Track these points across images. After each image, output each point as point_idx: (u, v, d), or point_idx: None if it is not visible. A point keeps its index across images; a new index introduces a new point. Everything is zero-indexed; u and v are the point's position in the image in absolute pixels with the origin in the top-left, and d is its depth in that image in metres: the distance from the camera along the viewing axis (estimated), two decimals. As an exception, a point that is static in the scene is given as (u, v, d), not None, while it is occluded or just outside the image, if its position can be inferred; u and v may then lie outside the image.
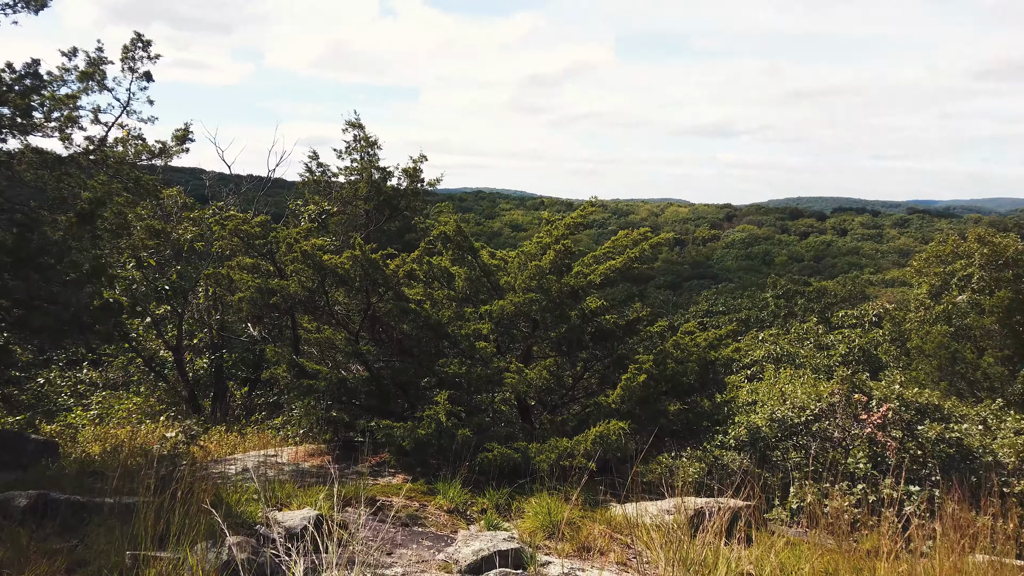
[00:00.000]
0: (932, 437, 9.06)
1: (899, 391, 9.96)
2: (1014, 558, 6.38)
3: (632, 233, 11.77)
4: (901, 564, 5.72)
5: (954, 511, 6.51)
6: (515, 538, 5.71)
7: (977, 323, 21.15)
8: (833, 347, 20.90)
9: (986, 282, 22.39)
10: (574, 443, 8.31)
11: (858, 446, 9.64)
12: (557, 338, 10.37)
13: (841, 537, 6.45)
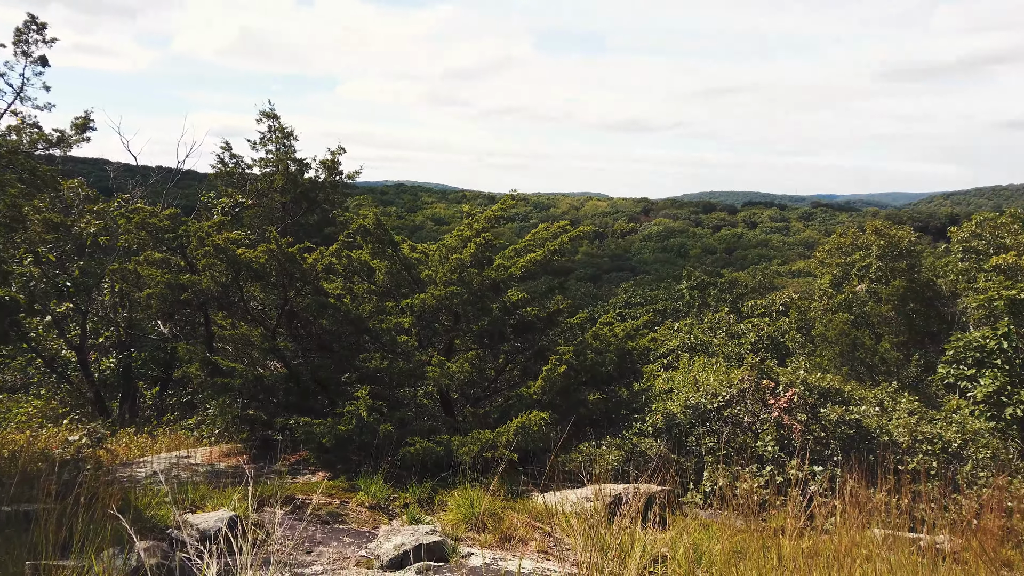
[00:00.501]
0: (834, 419, 9.57)
1: (803, 376, 10.47)
2: (907, 531, 6.82)
3: (552, 226, 11.92)
4: (805, 541, 6.02)
5: (853, 489, 6.91)
6: (437, 531, 5.72)
7: (875, 311, 22.42)
8: (744, 336, 21.75)
9: (883, 272, 23.77)
10: (496, 434, 8.38)
11: (767, 430, 10.08)
12: (479, 331, 10.41)
13: (750, 517, 6.75)
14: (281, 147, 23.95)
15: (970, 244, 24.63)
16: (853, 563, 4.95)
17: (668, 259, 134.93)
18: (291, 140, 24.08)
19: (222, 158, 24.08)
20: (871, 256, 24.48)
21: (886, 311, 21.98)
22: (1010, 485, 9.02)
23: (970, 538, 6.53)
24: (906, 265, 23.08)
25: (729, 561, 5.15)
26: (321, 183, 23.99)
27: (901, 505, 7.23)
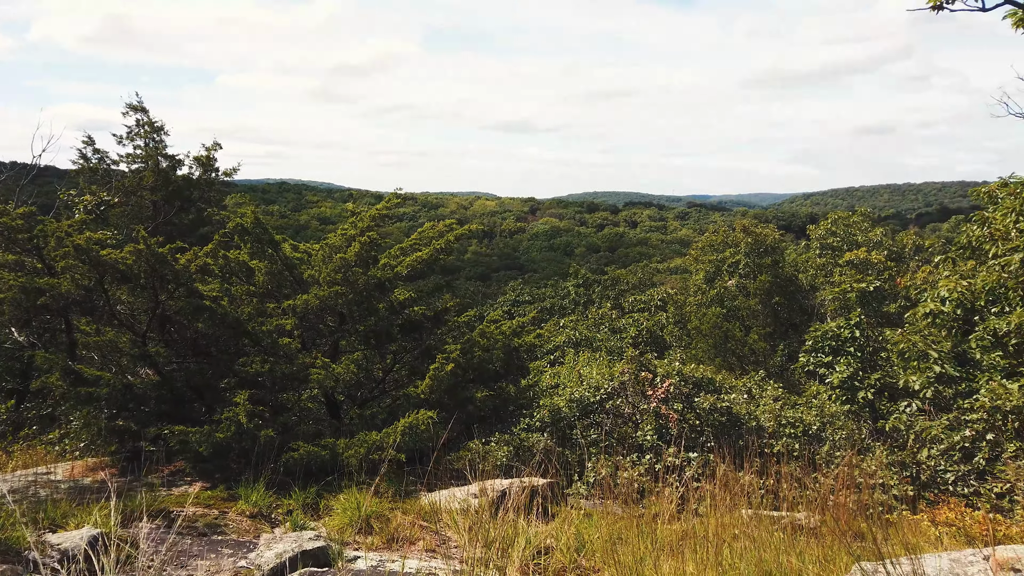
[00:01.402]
0: (706, 407, 10.11)
1: (679, 368, 11.00)
2: (772, 510, 7.31)
3: (438, 225, 11.93)
4: (680, 524, 6.34)
5: (724, 472, 7.35)
6: (322, 536, 5.63)
7: (744, 304, 23.82)
8: (625, 330, 22.55)
9: (750, 268, 25.29)
10: (383, 436, 8.31)
11: (646, 420, 10.53)
12: (365, 331, 10.28)
13: (630, 504, 7.04)
14: (151, 142, 22.63)
15: (826, 241, 26.73)
16: (721, 542, 5.27)
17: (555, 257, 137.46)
18: (162, 135, 22.81)
19: (84, 153, 22.48)
20: (740, 253, 26.05)
21: (754, 304, 23.43)
22: (862, 463, 9.85)
23: (827, 513, 7.07)
24: (771, 261, 24.71)
25: (609, 547, 5.36)
26: (196, 180, 22.85)
27: (767, 486, 7.75)
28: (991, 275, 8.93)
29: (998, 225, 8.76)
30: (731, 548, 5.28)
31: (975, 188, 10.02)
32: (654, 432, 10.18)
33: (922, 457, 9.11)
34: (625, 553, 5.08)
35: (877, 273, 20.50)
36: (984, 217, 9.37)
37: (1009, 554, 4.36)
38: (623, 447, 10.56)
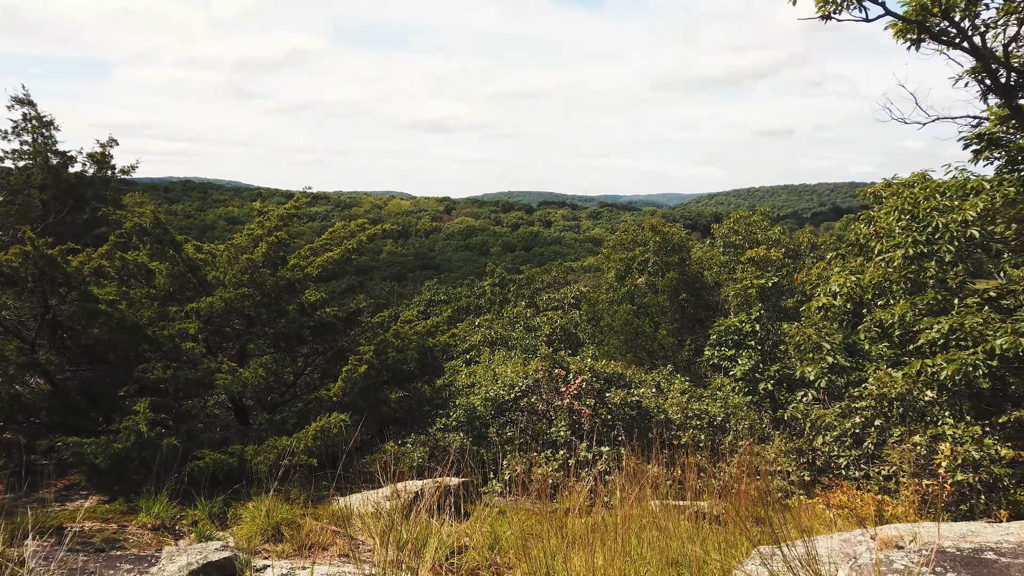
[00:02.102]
0: (617, 402, 10.37)
1: (591, 364, 11.23)
2: (679, 500, 7.56)
3: (350, 224, 11.75)
4: (592, 516, 6.47)
5: (634, 465, 7.55)
6: (229, 546, 5.47)
7: (653, 302, 24.53)
8: (540, 328, 22.81)
9: (659, 266, 26.08)
10: (294, 440, 8.13)
11: (560, 416, 10.69)
12: (275, 334, 10.02)
13: (543, 500, 7.14)
14: (39, 138, 21.29)
15: (729, 239, 27.90)
16: (629, 533, 5.42)
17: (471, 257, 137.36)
18: (51, 130, 21.49)
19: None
20: (649, 252, 26.85)
21: (663, 301, 24.18)
22: (763, 451, 10.32)
23: (730, 501, 7.36)
24: (678, 259, 25.57)
25: (522, 543, 5.43)
26: (90, 178, 21.64)
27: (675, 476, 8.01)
28: (877, 270, 9.54)
29: (882, 223, 9.37)
30: (639, 538, 5.44)
31: (862, 189, 10.68)
32: (567, 428, 10.35)
33: (817, 444, 9.63)
34: (538, 548, 5.15)
35: (776, 270, 21.55)
36: (870, 216, 10.01)
37: (892, 532, 4.69)
38: (538, 444, 10.69)
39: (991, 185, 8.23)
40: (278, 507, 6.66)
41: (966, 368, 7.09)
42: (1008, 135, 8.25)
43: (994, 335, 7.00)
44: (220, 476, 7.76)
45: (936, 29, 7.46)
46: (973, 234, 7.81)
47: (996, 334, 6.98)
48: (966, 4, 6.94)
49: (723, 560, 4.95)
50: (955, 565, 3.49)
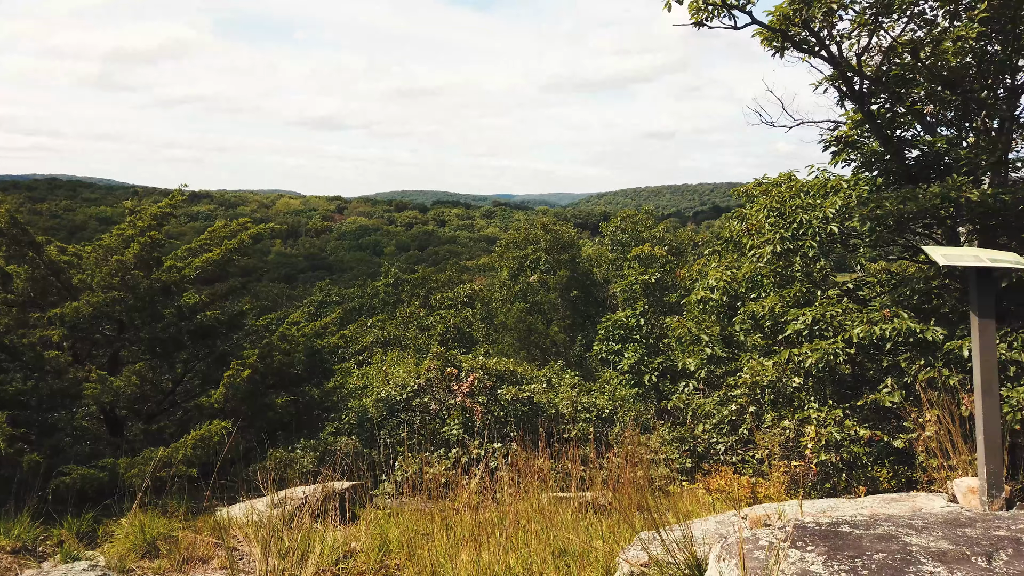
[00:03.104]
0: (509, 398, 10.48)
1: (483, 362, 11.31)
2: (569, 491, 7.73)
3: (232, 224, 11.31)
4: (484, 513, 6.52)
5: (524, 460, 7.66)
6: (99, 566, 5.16)
7: (545, 299, 24.95)
8: (433, 328, 22.75)
9: (550, 264, 26.56)
10: (172, 450, 7.76)
11: (453, 415, 10.71)
12: (150, 339, 9.52)
13: (436, 499, 7.13)
14: None
15: (617, 237, 28.83)
16: (517, 527, 5.51)
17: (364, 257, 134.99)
18: None
19: None
20: (541, 250, 27.33)
21: (554, 298, 24.65)
22: (648, 440, 10.72)
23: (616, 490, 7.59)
24: (569, 257, 26.17)
25: (413, 544, 5.41)
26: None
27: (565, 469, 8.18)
28: (750, 265, 10.10)
29: (753, 221, 9.95)
30: (527, 532, 5.53)
31: (735, 188, 11.29)
32: (460, 426, 10.38)
33: (698, 431, 10.10)
34: (427, 548, 5.15)
35: (660, 266, 22.44)
36: (742, 214, 10.59)
37: (761, 512, 5.00)
38: (431, 443, 10.66)
39: (848, 185, 8.90)
40: (154, 521, 6.33)
41: (828, 356, 7.61)
42: (862, 138, 8.94)
43: (852, 325, 7.55)
44: (90, 492, 7.30)
45: (798, 38, 7.97)
46: (833, 230, 8.41)
47: (854, 324, 7.53)
48: (823, 16, 7.46)
49: (607, 548, 5.11)
50: (814, 539, 3.75)
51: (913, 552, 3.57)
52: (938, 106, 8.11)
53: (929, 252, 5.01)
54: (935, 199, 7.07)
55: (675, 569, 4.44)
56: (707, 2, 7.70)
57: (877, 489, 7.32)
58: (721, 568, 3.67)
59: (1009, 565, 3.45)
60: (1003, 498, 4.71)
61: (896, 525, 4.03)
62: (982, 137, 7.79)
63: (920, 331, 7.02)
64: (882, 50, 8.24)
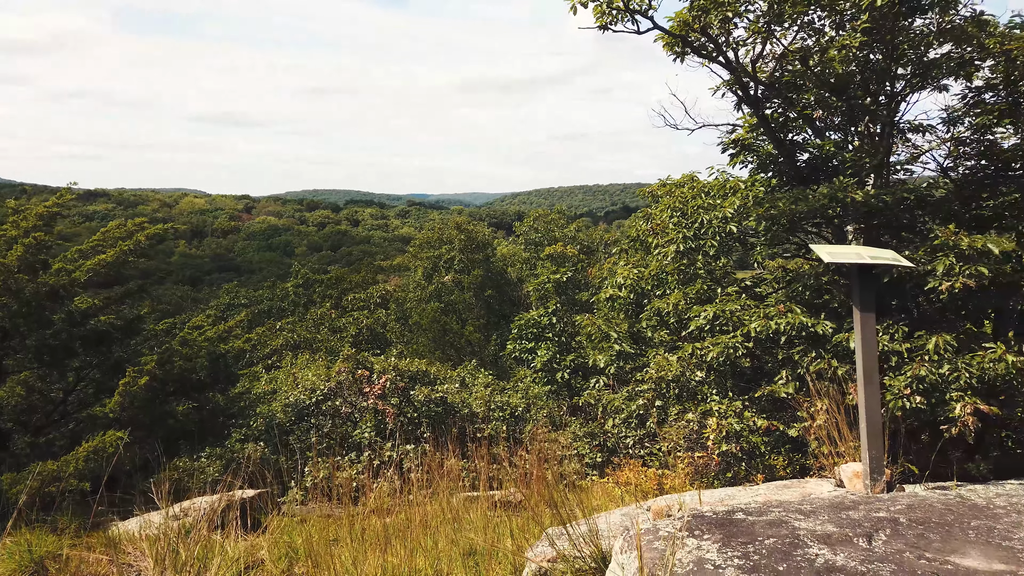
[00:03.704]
0: (422, 399, 10.42)
1: (395, 363, 11.19)
2: (483, 490, 7.75)
3: (127, 223, 10.79)
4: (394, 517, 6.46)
5: (438, 460, 7.64)
6: (-23, 589, 4.81)
7: (460, 299, 24.93)
8: (345, 329, 22.34)
9: (465, 263, 26.55)
10: (62, 464, 7.34)
11: (365, 418, 10.55)
12: (37, 346, 8.99)
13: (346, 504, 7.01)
14: None
15: (530, 237, 29.12)
16: (428, 527, 5.49)
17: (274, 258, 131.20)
18: None
19: None
20: (455, 250, 27.28)
21: (469, 298, 24.67)
22: (560, 437, 10.87)
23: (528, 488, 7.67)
24: (483, 257, 26.24)
25: (322, 550, 5.30)
26: None
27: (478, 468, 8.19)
28: (655, 263, 10.40)
29: (657, 220, 10.25)
30: (438, 533, 5.52)
31: (641, 188, 11.59)
32: (372, 429, 10.25)
33: (608, 426, 10.32)
34: (335, 554, 5.06)
35: (572, 265, 22.81)
36: (648, 213, 10.90)
37: (663, 503, 5.16)
38: (342, 447, 10.48)
39: (745, 186, 9.30)
40: (42, 539, 5.97)
41: (728, 350, 7.92)
42: (758, 141, 9.35)
43: (750, 320, 7.88)
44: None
45: (697, 44, 8.25)
46: (732, 229, 8.77)
47: (751, 319, 7.86)
48: (720, 23, 7.76)
49: (516, 545, 5.16)
50: (710, 527, 3.90)
51: (801, 536, 3.76)
52: (826, 111, 8.56)
53: (816, 250, 5.29)
54: (823, 199, 7.47)
55: (582, 563, 4.52)
56: (611, 7, 7.87)
57: (774, 476, 7.67)
58: (623, 560, 3.77)
59: (887, 544, 3.69)
60: (884, 481, 5.03)
61: (787, 511, 4.24)
62: (866, 141, 8.28)
63: (811, 325, 7.40)
64: (775, 57, 8.63)
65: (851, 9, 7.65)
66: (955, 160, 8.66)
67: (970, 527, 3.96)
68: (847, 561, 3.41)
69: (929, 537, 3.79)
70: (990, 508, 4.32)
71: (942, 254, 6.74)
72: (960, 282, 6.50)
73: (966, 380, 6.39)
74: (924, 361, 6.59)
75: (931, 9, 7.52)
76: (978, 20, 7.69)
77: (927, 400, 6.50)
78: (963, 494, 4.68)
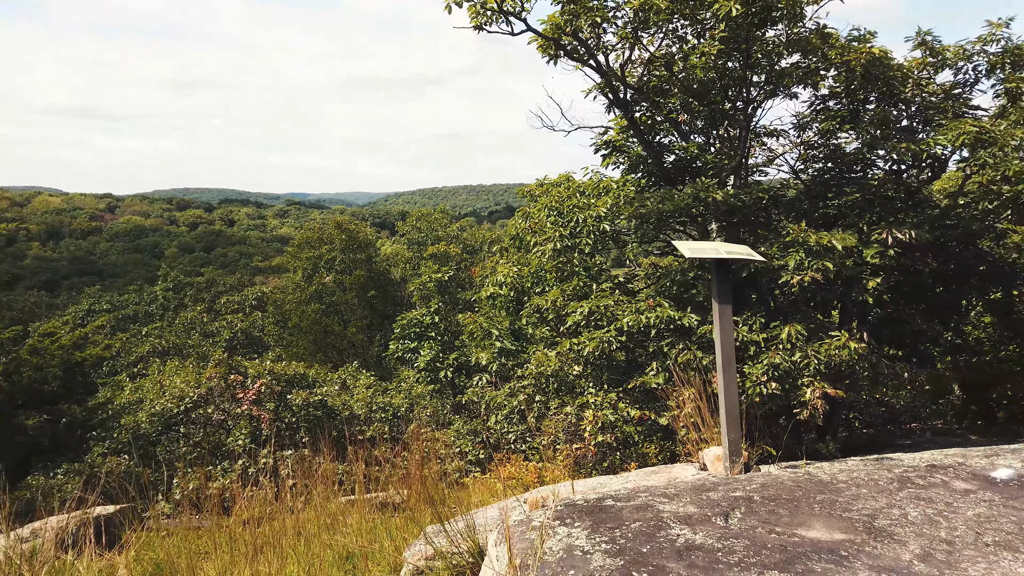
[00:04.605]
0: (299, 403, 10.14)
1: (270, 367, 10.83)
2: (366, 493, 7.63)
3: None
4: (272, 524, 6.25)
5: (318, 465, 7.45)
6: None
7: (342, 300, 24.42)
8: (219, 333, 21.37)
9: (346, 264, 26.05)
10: None
11: (239, 425, 10.14)
12: None
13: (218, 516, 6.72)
14: None
15: (412, 236, 28.97)
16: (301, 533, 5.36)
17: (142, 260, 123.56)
18: None
19: None
20: (336, 250, 26.71)
21: (351, 299, 24.22)
22: (443, 435, 10.88)
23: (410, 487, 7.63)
24: (365, 257, 25.84)
25: (188, 565, 5.07)
26: None
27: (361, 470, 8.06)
28: (535, 261, 10.60)
29: (536, 219, 10.47)
30: (316, 539, 5.40)
31: (520, 188, 11.79)
32: (247, 436, 9.87)
33: (491, 423, 10.43)
34: (203, 568, 4.85)
35: (455, 264, 22.83)
36: (527, 212, 11.10)
37: (539, 495, 5.27)
38: (215, 456, 10.03)
39: (617, 186, 9.66)
40: None
41: (603, 344, 8.19)
42: (629, 143, 9.72)
43: (623, 314, 8.18)
44: None
45: (569, 47, 8.47)
46: (605, 228, 9.08)
47: (624, 314, 8.17)
48: (590, 28, 8.00)
49: (394, 546, 5.13)
50: (581, 515, 4.02)
51: (664, 518, 3.95)
52: (690, 115, 9.03)
53: (678, 246, 5.58)
54: (688, 199, 7.87)
55: (459, 558, 4.56)
56: (485, 7, 7.95)
57: (647, 464, 8.01)
58: (497, 552, 3.83)
59: (742, 521, 3.94)
60: (742, 463, 5.36)
61: (653, 495, 4.44)
62: (725, 144, 8.79)
63: (679, 318, 7.78)
64: (643, 62, 9.00)
65: (710, 19, 8.09)
66: (805, 163, 9.35)
67: (815, 501, 4.29)
68: (705, 539, 3.62)
69: (779, 512, 4.08)
70: (834, 483, 4.69)
71: (793, 250, 7.26)
72: (809, 276, 7.02)
73: (815, 366, 6.91)
74: (779, 350, 7.07)
75: (781, 21, 8.07)
76: (822, 33, 8.34)
77: (782, 386, 6.98)
78: (811, 471, 5.06)
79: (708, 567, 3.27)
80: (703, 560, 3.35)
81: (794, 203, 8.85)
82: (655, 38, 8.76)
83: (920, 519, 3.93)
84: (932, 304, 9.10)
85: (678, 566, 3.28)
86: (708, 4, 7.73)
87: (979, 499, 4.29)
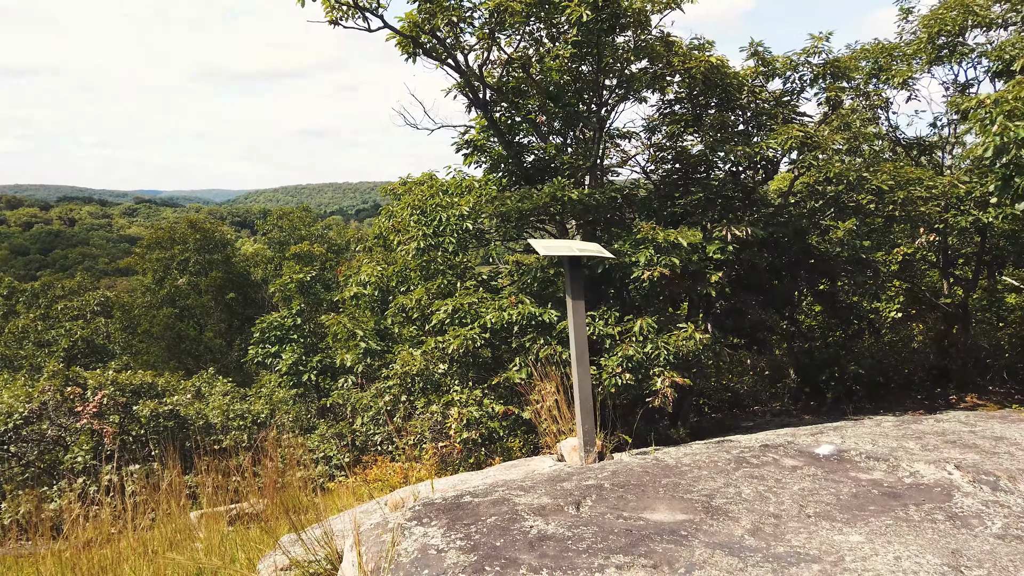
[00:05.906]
0: (148, 414, 9.53)
1: (113, 376, 10.11)
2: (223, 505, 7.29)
3: None
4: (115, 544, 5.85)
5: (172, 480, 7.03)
6: None
7: (197, 303, 23.14)
8: (55, 342, 19.66)
9: (201, 265, 24.70)
10: None
11: (79, 440, 9.39)
12: None
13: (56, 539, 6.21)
14: None
15: (274, 236, 27.90)
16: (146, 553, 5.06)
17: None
18: None
19: None
20: (190, 250, 25.23)
21: (207, 302, 22.97)
22: (307, 441, 10.57)
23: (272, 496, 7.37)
24: (222, 257, 24.59)
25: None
26: None
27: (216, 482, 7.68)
28: (400, 260, 10.51)
29: (399, 218, 10.38)
30: (162, 559, 5.10)
31: (383, 186, 11.64)
32: (89, 452, 9.15)
33: (357, 425, 10.25)
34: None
35: (319, 264, 22.19)
36: (390, 211, 10.99)
37: (397, 496, 5.25)
38: (51, 475, 9.24)
39: (479, 184, 9.77)
40: None
41: (468, 341, 8.26)
42: (490, 142, 9.85)
43: (486, 312, 8.29)
44: None
45: (428, 46, 8.46)
46: (468, 226, 9.14)
47: (488, 311, 8.28)
48: (447, 26, 8.03)
49: (249, 559, 4.94)
50: (439, 513, 4.04)
51: (520, 511, 4.04)
52: (547, 117, 9.27)
53: (534, 244, 5.72)
54: (546, 198, 8.08)
55: (317, 566, 4.46)
56: (340, 2, 7.79)
57: (511, 458, 8.16)
58: (352, 557, 3.77)
59: (592, 509, 4.10)
60: (596, 452, 5.58)
61: (510, 489, 4.53)
62: (581, 145, 9.10)
63: (540, 314, 7.98)
64: (502, 63, 9.14)
65: (564, 23, 8.34)
66: (655, 164, 9.85)
67: (661, 485, 4.53)
68: (557, 528, 3.73)
69: (627, 498, 4.27)
70: (679, 467, 4.98)
71: (644, 247, 7.63)
72: (658, 271, 7.40)
73: (665, 357, 7.30)
74: (632, 342, 7.42)
75: (629, 28, 8.45)
76: (666, 41, 8.81)
77: (635, 376, 7.33)
78: (659, 457, 5.34)
79: (558, 556, 3.38)
80: (554, 550, 3.46)
81: (645, 202, 9.30)
82: (513, 39, 8.92)
83: (752, 496, 4.25)
84: (769, 295, 9.84)
85: (529, 557, 3.37)
86: (561, 8, 7.95)
87: (804, 474, 4.69)
